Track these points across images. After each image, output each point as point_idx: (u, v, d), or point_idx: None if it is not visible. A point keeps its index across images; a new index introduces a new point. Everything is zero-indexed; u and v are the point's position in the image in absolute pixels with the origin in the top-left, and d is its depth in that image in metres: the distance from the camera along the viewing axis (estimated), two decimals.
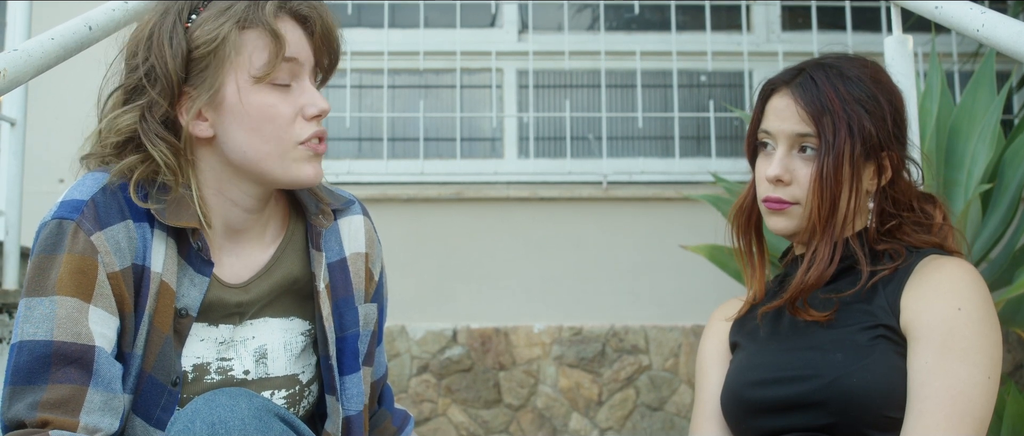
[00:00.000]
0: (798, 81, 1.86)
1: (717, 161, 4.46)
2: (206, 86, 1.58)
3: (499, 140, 4.63)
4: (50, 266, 1.50)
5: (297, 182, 1.64)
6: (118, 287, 1.53)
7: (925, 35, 4.26)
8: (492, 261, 4.34)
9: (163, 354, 1.57)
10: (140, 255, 1.56)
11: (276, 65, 1.59)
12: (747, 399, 1.82)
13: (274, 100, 1.61)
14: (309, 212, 1.76)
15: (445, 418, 4.10)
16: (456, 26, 4.57)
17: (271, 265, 1.71)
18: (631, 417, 4.12)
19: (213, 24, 1.58)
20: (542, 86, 4.70)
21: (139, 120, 1.59)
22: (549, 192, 4.39)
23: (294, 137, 1.62)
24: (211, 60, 1.58)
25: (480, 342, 4.15)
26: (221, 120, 1.60)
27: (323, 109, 1.64)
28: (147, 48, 1.60)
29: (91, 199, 1.55)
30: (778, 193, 1.84)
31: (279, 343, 1.72)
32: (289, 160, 1.62)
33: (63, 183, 4.44)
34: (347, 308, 1.80)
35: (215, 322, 1.65)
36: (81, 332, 1.47)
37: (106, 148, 1.61)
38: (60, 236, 1.51)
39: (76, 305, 1.48)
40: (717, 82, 4.75)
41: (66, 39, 1.93)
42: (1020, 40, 1.71)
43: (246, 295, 1.68)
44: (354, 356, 1.81)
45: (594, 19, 4.80)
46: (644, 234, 4.35)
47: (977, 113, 2.81)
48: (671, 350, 4.17)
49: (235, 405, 1.46)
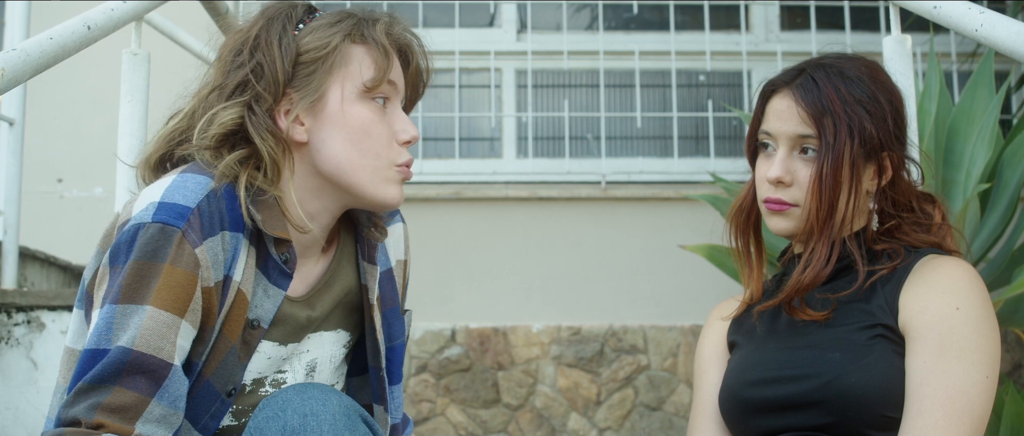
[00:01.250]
0: (799, 82, 1.85)
1: (716, 161, 4.46)
2: (310, 90, 1.59)
3: (498, 140, 4.63)
4: (150, 274, 1.45)
5: (382, 202, 1.65)
6: (209, 301, 1.49)
7: (924, 35, 4.26)
8: (491, 261, 4.34)
9: (225, 363, 1.55)
10: (229, 265, 1.53)
11: (382, 81, 1.61)
12: (745, 398, 1.82)
13: (374, 117, 1.62)
14: (361, 224, 1.75)
15: (444, 418, 4.10)
16: (455, 26, 4.57)
17: (329, 278, 1.71)
18: (630, 417, 4.12)
19: (323, 33, 1.61)
20: (541, 86, 4.70)
21: (246, 113, 1.57)
22: (548, 192, 4.39)
23: (390, 157, 1.64)
24: (318, 66, 1.59)
25: (479, 342, 4.15)
26: (318, 127, 1.61)
27: (414, 136, 1.66)
28: (253, 49, 1.60)
29: (197, 207, 1.50)
30: (778, 194, 1.83)
31: (327, 356, 1.73)
32: (380, 178, 1.63)
33: (62, 183, 4.44)
34: (395, 318, 1.81)
35: (284, 341, 1.64)
36: (163, 347, 1.42)
37: (206, 140, 1.57)
38: (164, 244, 1.46)
39: (169, 320, 1.44)
40: (716, 82, 4.75)
41: (65, 39, 1.93)
42: (1019, 40, 1.71)
43: (312, 310, 1.67)
44: (400, 365, 1.83)
45: (593, 19, 4.80)
46: (643, 234, 4.35)
47: (976, 113, 2.81)
48: (670, 350, 4.17)
49: (327, 399, 1.47)
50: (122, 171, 2.16)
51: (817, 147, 1.80)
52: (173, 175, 1.55)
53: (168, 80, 3.50)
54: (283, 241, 1.59)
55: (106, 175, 2.94)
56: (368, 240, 1.76)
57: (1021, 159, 2.78)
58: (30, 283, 3.52)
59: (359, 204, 1.67)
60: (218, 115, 1.57)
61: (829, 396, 1.70)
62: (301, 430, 1.43)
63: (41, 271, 3.63)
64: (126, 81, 2.19)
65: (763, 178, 1.86)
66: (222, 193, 1.54)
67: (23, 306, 3.14)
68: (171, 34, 2.93)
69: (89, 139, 4.39)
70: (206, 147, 1.57)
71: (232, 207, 1.54)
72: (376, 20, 1.66)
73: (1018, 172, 2.77)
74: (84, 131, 4.42)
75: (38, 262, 3.61)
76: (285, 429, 1.44)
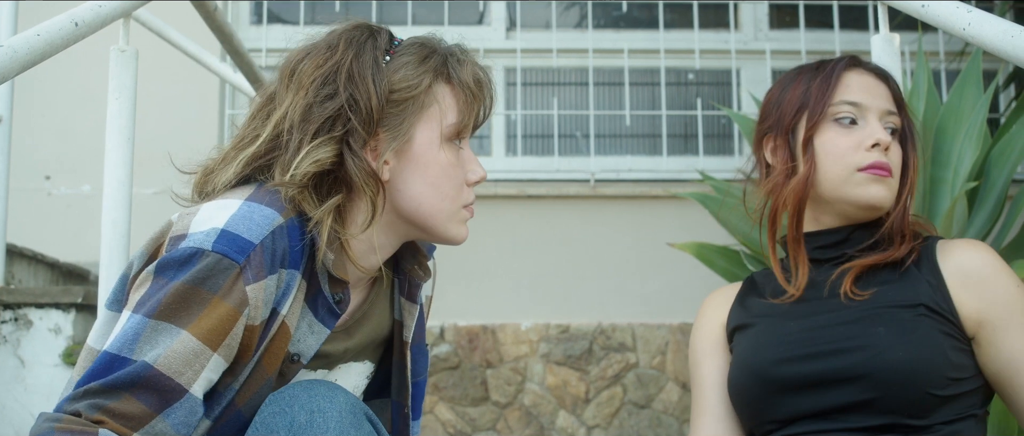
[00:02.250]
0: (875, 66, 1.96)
1: (705, 159, 4.47)
2: (401, 130, 1.55)
3: (487, 138, 4.63)
4: (195, 301, 1.40)
5: (451, 240, 1.65)
6: (249, 338, 1.45)
7: (912, 34, 4.27)
8: (479, 259, 4.34)
9: (259, 394, 1.51)
10: (279, 300, 1.49)
11: (468, 128, 1.61)
12: (774, 377, 1.78)
13: (454, 160, 1.61)
14: (406, 260, 1.73)
15: (432, 415, 4.10)
16: (444, 24, 4.56)
17: (367, 310, 1.69)
18: (618, 415, 4.13)
19: (413, 70, 1.57)
20: (530, 84, 4.70)
21: (346, 153, 1.52)
22: (537, 190, 4.39)
23: (463, 199, 1.64)
24: (409, 106, 1.56)
25: (467, 340, 4.15)
26: (401, 167, 1.58)
27: (483, 176, 1.66)
28: (347, 81, 1.54)
29: (261, 244, 1.44)
30: (888, 159, 1.85)
31: (351, 385, 1.72)
32: (453, 219, 1.63)
33: (49, 180, 4.43)
34: (420, 354, 1.80)
35: (315, 368, 1.63)
36: (185, 373, 1.37)
37: (297, 178, 1.49)
38: (218, 276, 1.41)
39: (199, 349, 1.39)
40: (705, 80, 4.76)
41: (52, 35, 1.92)
42: (1006, 39, 1.71)
43: (350, 341, 1.66)
44: (420, 401, 1.82)
45: (582, 17, 4.80)
46: (631, 232, 4.36)
47: (964, 111, 2.81)
48: (658, 348, 4.17)
49: (334, 396, 1.46)
50: (110, 168, 2.15)
51: (898, 127, 1.88)
52: (240, 199, 1.49)
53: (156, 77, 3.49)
54: (340, 281, 1.55)
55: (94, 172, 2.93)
56: (411, 278, 1.74)
57: (1008, 157, 2.78)
58: (17, 281, 3.51)
59: (427, 240, 1.68)
60: (313, 152, 1.50)
61: (875, 369, 1.69)
62: (308, 426, 1.42)
63: (28, 269, 3.62)
64: (114, 78, 2.18)
65: (854, 146, 1.85)
66: (286, 228, 1.48)
67: (10, 304, 3.14)
68: (159, 31, 2.92)
69: (77, 136, 4.38)
70: (296, 185, 1.50)
71: (294, 243, 1.49)
72: (461, 58, 1.63)
73: (1005, 170, 2.77)
74: (72, 128, 4.41)
75: (25, 259, 3.60)
76: (292, 425, 1.43)
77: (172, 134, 3.18)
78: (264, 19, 4.69)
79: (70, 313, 3.16)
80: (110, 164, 2.16)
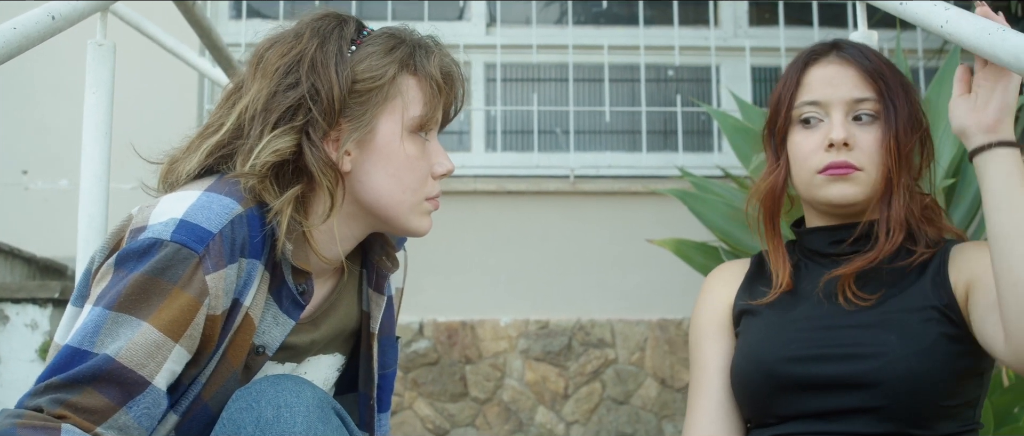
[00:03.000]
0: (842, 49, 1.86)
1: (684, 155, 4.47)
2: (363, 121, 1.54)
3: (466, 133, 4.63)
4: (155, 292, 1.39)
5: (414, 232, 1.64)
6: (211, 328, 1.44)
7: (891, 31, 4.28)
8: (459, 254, 4.33)
9: (226, 387, 1.50)
10: (240, 290, 1.47)
11: (432, 120, 1.60)
12: (782, 374, 1.75)
13: (417, 151, 1.59)
14: (374, 252, 1.73)
15: (411, 411, 4.10)
16: (424, 19, 4.56)
17: (334, 301, 1.68)
18: (597, 410, 4.13)
19: (378, 60, 1.55)
20: (510, 79, 4.70)
21: (305, 143, 1.50)
22: (516, 185, 4.39)
23: (426, 191, 1.62)
24: (373, 97, 1.54)
25: (446, 335, 4.15)
26: (363, 158, 1.56)
27: (450, 169, 1.64)
28: (310, 70, 1.52)
29: (219, 233, 1.43)
30: (844, 157, 1.78)
31: (322, 379, 1.71)
32: (416, 211, 1.62)
33: (27, 174, 4.41)
34: (389, 346, 1.79)
35: (282, 360, 1.62)
36: (147, 365, 1.37)
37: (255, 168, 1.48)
38: (177, 266, 1.40)
39: (161, 341, 1.38)
40: (684, 77, 4.77)
41: (29, 29, 1.90)
42: (983, 37, 1.72)
43: (316, 332, 1.64)
44: (389, 392, 1.81)
45: (562, 13, 4.80)
46: (611, 228, 4.36)
47: (942, 109, 2.82)
48: (637, 344, 4.18)
49: (301, 391, 1.45)
50: (87, 163, 2.14)
51: (875, 111, 1.79)
52: (199, 190, 1.48)
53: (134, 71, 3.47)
54: (303, 272, 1.55)
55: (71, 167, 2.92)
56: (378, 269, 1.73)
57: None
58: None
59: (388, 232, 1.66)
60: (272, 142, 1.49)
61: (887, 378, 1.66)
62: (275, 422, 1.42)
63: (5, 264, 3.60)
64: (91, 72, 2.17)
65: (815, 148, 1.80)
66: (246, 217, 1.47)
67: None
68: (137, 25, 2.90)
69: (54, 131, 4.36)
70: (255, 175, 1.48)
71: (255, 233, 1.48)
72: (429, 50, 1.62)
73: None
74: (49, 123, 4.39)
75: (2, 255, 3.58)
76: (259, 421, 1.42)
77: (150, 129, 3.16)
78: (243, 14, 4.68)
79: (47, 308, 3.14)
80: (87, 159, 2.15)
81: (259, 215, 1.49)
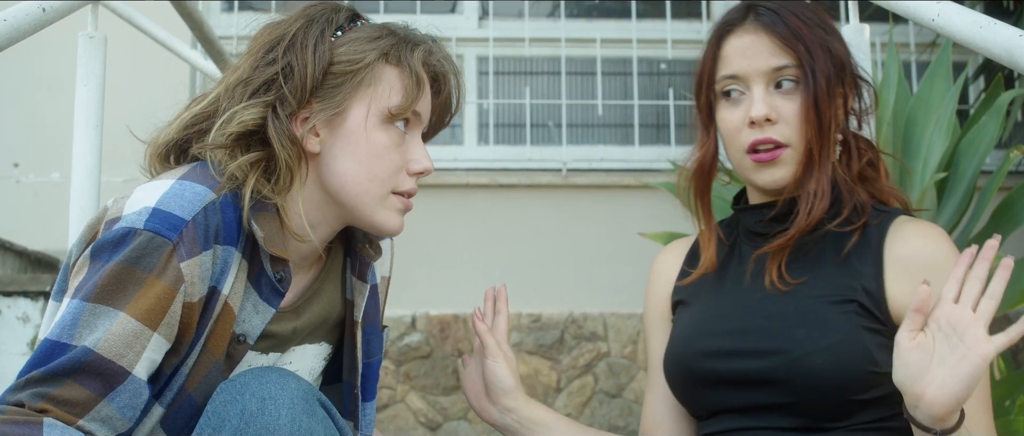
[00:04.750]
0: (757, 15, 1.76)
1: (676, 149, 4.47)
2: (333, 103, 1.54)
3: (459, 126, 4.62)
4: (131, 281, 1.39)
5: (379, 227, 1.61)
6: (189, 316, 1.44)
7: (883, 25, 4.29)
8: (451, 248, 4.33)
9: (209, 377, 1.50)
10: (217, 278, 1.48)
11: (408, 111, 1.58)
12: (697, 370, 1.72)
13: (390, 142, 1.58)
14: (357, 240, 1.73)
15: (403, 404, 4.10)
16: (416, 12, 4.55)
17: (317, 288, 1.68)
18: (589, 403, 4.13)
19: (359, 46, 1.56)
20: (502, 73, 4.69)
21: (269, 115, 1.52)
22: (509, 179, 4.39)
23: (396, 184, 1.60)
24: (347, 80, 1.55)
25: (439, 328, 4.15)
26: (333, 141, 1.56)
27: (428, 168, 1.62)
28: (288, 48, 1.54)
29: (193, 219, 1.43)
30: (768, 133, 1.70)
31: (307, 369, 1.70)
32: (383, 205, 1.59)
33: (18, 167, 4.40)
34: (374, 334, 1.79)
35: (265, 350, 1.61)
36: (126, 355, 1.37)
37: (222, 138, 1.50)
38: (151, 253, 1.40)
39: (139, 330, 1.38)
40: (677, 70, 4.77)
41: (19, 20, 1.90)
42: (974, 30, 1.72)
43: (298, 321, 1.64)
44: (374, 382, 1.80)
45: (554, 6, 4.80)
46: (603, 221, 4.36)
47: (933, 103, 2.83)
48: (629, 337, 4.18)
49: (285, 383, 1.44)
50: (79, 156, 2.14)
51: (796, 77, 1.70)
52: (172, 179, 1.48)
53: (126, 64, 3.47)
54: (280, 259, 1.54)
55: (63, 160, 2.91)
56: (361, 257, 1.73)
57: (977, 148, 2.80)
58: None
59: (358, 225, 1.64)
60: (239, 113, 1.51)
61: (791, 376, 1.61)
62: (259, 414, 1.41)
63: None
64: (82, 65, 2.17)
65: (739, 124, 1.73)
66: (220, 204, 1.48)
67: None
68: (128, 17, 2.90)
69: (46, 124, 4.35)
70: (221, 146, 1.51)
71: (229, 220, 1.48)
72: (417, 44, 1.61)
73: (974, 161, 2.79)
74: (41, 116, 4.38)
75: None
76: (244, 413, 1.41)
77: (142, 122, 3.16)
78: (235, 7, 4.67)
79: (38, 302, 3.14)
80: (78, 152, 2.15)
81: (233, 203, 1.50)
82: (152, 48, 3.27)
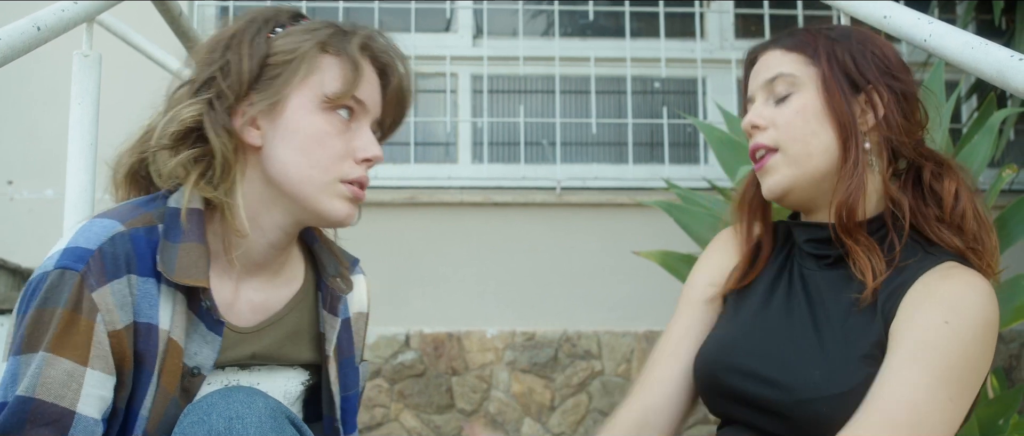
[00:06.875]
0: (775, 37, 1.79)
1: (670, 167, 4.48)
2: (270, 93, 1.55)
3: (453, 145, 4.63)
4: (47, 321, 1.40)
5: (328, 216, 1.60)
6: (119, 345, 1.44)
7: None
8: (445, 266, 4.33)
9: (168, 415, 1.50)
10: (143, 312, 1.48)
11: (346, 97, 1.57)
12: (721, 383, 1.71)
13: (331, 129, 1.57)
14: (326, 272, 1.73)
15: (397, 423, 4.09)
16: (411, 30, 4.56)
17: (284, 314, 1.67)
18: (583, 422, 4.13)
19: (296, 38, 1.58)
20: (496, 91, 4.70)
21: (206, 109, 1.54)
22: (503, 197, 4.39)
23: (340, 172, 1.58)
24: (284, 70, 1.56)
25: (433, 347, 4.15)
26: (274, 132, 1.57)
27: (376, 155, 1.61)
28: (225, 47, 1.57)
29: (99, 249, 1.44)
30: (757, 139, 1.72)
31: (280, 391, 1.70)
32: (328, 192, 1.58)
33: (12, 184, 4.40)
34: (350, 368, 1.79)
35: (222, 366, 1.61)
36: (65, 395, 1.38)
37: (164, 139, 1.54)
38: (61, 288, 1.41)
39: (70, 368, 1.39)
40: (671, 89, 4.77)
41: (13, 39, 1.90)
42: (966, 51, 1.72)
43: (258, 343, 1.63)
44: (353, 414, 1.80)
45: (549, 25, 4.81)
46: (597, 240, 4.36)
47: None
48: (623, 355, 4.18)
49: (252, 402, 1.44)
50: (73, 173, 2.14)
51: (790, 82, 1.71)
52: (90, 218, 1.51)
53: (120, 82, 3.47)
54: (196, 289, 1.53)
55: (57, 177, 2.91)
56: (332, 291, 1.73)
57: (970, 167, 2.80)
58: None
59: (309, 219, 1.62)
60: (179, 112, 1.54)
61: (798, 416, 1.59)
62: (226, 433, 1.40)
63: None
64: (77, 83, 2.17)
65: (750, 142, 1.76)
66: (129, 236, 1.49)
67: None
68: (123, 36, 2.90)
69: (40, 141, 4.35)
70: (164, 147, 1.53)
71: (142, 251, 1.49)
72: (355, 33, 1.62)
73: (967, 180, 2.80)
74: (35, 133, 4.37)
75: None
76: (210, 434, 1.41)
77: None
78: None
79: None
80: (73, 169, 2.15)
81: (146, 236, 1.50)
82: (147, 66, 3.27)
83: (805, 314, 1.71)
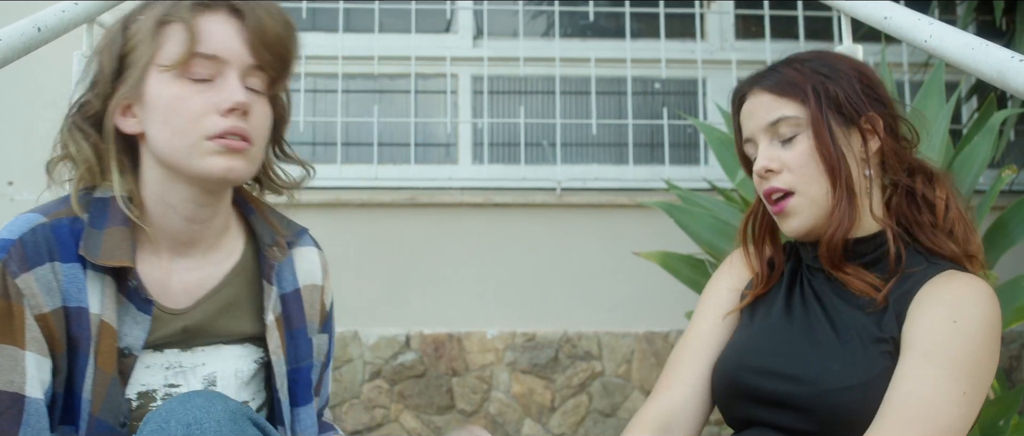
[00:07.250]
0: (759, 76, 1.83)
1: (670, 168, 4.48)
2: (131, 80, 1.60)
3: (453, 146, 4.62)
4: None
5: (207, 175, 1.59)
6: (47, 328, 1.50)
7: (876, 45, 4.30)
8: (446, 267, 4.33)
9: (110, 396, 1.54)
10: (72, 296, 1.53)
11: (186, 59, 1.57)
12: (741, 384, 1.75)
13: (185, 93, 1.58)
14: (263, 242, 1.75)
15: (397, 424, 4.09)
16: (411, 31, 4.56)
17: (219, 289, 1.69)
18: (584, 423, 4.13)
19: (140, 23, 1.62)
20: (497, 92, 4.70)
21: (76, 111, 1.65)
22: (503, 198, 4.39)
23: (202, 130, 1.57)
24: (136, 55, 1.60)
25: (433, 348, 4.14)
26: (145, 114, 1.61)
27: (237, 102, 1.58)
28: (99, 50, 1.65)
29: (20, 239, 1.52)
30: (772, 183, 1.77)
31: (230, 370, 1.70)
32: (197, 152, 1.58)
33: (12, 185, 4.40)
34: (301, 339, 1.79)
35: (160, 347, 1.62)
36: (14, 379, 1.45)
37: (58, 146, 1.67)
38: None
39: (11, 351, 1.47)
40: (671, 89, 4.77)
41: (13, 41, 1.90)
42: (966, 51, 1.72)
43: (190, 319, 1.65)
44: (307, 387, 1.80)
45: (549, 26, 4.81)
46: (597, 240, 4.36)
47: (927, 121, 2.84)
48: (624, 356, 4.18)
49: (211, 406, 1.43)
50: None
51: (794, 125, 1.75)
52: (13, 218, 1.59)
53: None
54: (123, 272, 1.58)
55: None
56: (268, 260, 1.75)
57: (970, 168, 2.80)
58: None
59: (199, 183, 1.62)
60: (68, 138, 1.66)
61: (820, 407, 1.64)
62: None
63: None
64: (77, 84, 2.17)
65: (759, 181, 1.81)
66: (51, 226, 1.56)
67: None
68: None
69: (41, 142, 4.31)
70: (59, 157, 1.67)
71: (64, 240, 1.55)
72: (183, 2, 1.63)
73: (967, 181, 2.80)
74: (36, 133, 4.36)
75: None
76: None
77: None
78: None
79: None
80: None
81: (69, 225, 1.57)
82: None
83: (821, 316, 1.77)
